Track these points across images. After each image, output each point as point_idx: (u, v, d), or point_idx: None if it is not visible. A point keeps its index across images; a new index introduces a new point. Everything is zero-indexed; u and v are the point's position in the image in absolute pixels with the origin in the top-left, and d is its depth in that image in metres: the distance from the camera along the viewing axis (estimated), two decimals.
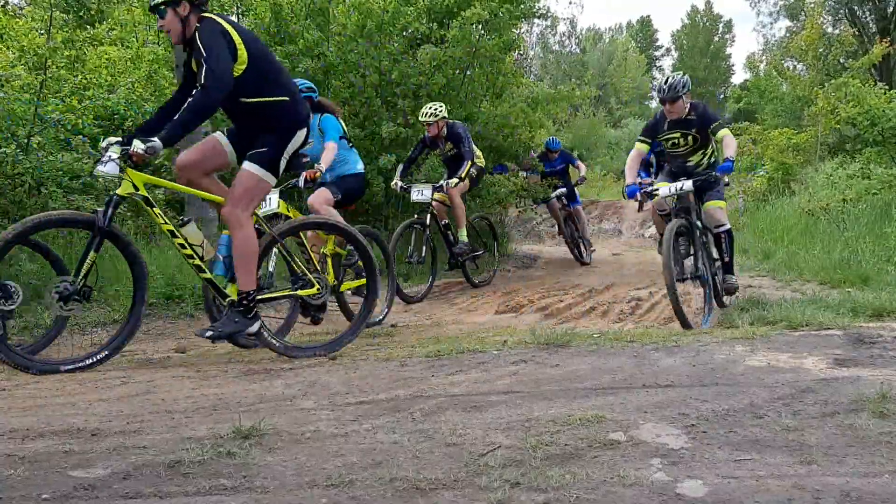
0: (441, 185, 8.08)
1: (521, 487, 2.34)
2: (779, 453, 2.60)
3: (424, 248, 8.11)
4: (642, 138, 6.45)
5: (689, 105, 6.23)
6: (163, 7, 4.29)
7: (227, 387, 3.90)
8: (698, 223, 6.16)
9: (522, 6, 11.74)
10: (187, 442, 2.82)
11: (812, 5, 25.37)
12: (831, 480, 2.35)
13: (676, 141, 6.35)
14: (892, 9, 30.30)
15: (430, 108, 8.23)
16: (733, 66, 57.82)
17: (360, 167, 6.64)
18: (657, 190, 6.05)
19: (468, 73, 11.14)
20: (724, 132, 6.15)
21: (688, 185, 5.94)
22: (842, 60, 21.61)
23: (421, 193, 8.08)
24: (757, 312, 5.59)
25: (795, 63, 23.59)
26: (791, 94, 20.83)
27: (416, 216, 8.35)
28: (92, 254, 4.30)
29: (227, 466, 2.57)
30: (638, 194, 6.04)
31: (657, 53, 64.47)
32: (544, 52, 52.79)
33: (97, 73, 10.15)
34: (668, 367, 3.96)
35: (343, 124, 6.60)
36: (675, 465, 2.52)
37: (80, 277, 4.28)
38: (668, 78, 6.31)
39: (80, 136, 8.30)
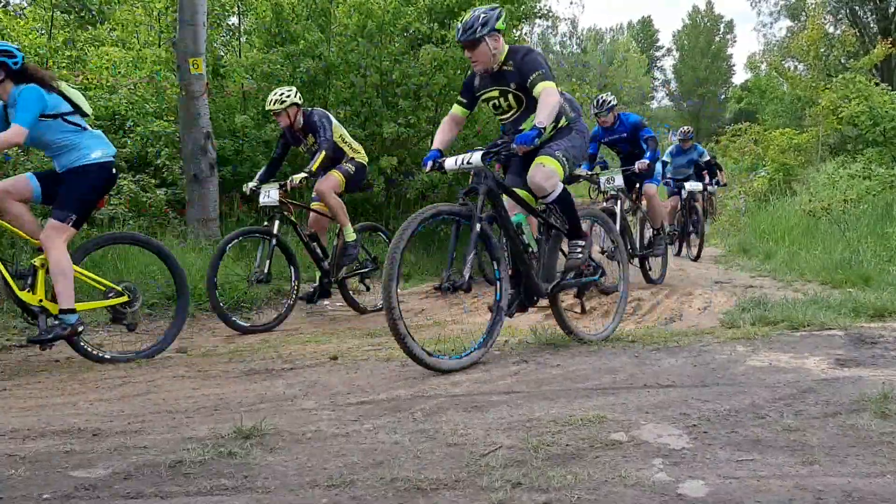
0: (284, 185, 6.65)
1: (522, 488, 2.34)
2: (780, 453, 2.60)
3: (269, 263, 6.64)
4: (459, 98, 4.90)
5: (506, 51, 4.58)
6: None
7: (228, 387, 3.91)
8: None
9: (524, 6, 11.74)
10: (188, 442, 2.82)
11: (813, 5, 25.40)
12: (833, 481, 2.35)
13: (497, 103, 4.75)
14: (893, 9, 30.27)
15: (276, 94, 6.86)
16: (734, 66, 57.85)
17: (96, 155, 4.78)
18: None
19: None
20: (542, 86, 4.38)
21: (475, 157, 4.27)
22: (843, 61, 21.60)
23: (268, 195, 6.67)
24: (758, 312, 5.58)
25: (796, 63, 23.57)
26: (791, 95, 20.82)
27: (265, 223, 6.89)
28: None
29: (229, 466, 2.57)
30: (428, 164, 4.50)
31: (658, 54, 64.49)
32: (545, 52, 52.78)
33: (99, 74, 10.17)
34: (669, 367, 3.96)
35: (71, 96, 4.81)
36: (677, 465, 2.51)
37: None
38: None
39: None
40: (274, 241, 6.64)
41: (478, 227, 4.17)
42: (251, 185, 6.88)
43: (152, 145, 9.48)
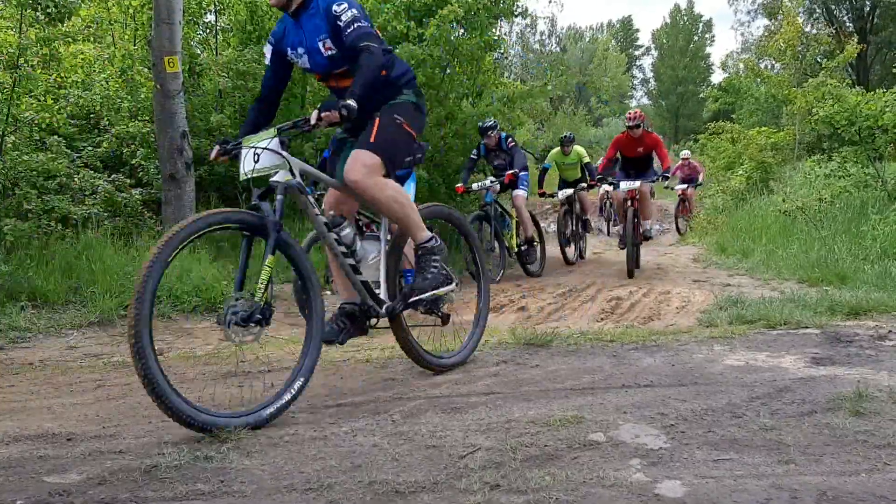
0: None
1: (500, 489, 2.33)
2: (757, 453, 2.61)
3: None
4: None
5: None
6: None
7: (205, 390, 3.87)
8: None
9: (502, 4, 11.74)
10: (164, 446, 2.79)
11: (789, 5, 25.61)
12: (809, 479, 2.36)
13: None
14: (868, 8, 30.63)
15: None
16: (713, 65, 58.22)
17: None
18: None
19: (447, 71, 11.13)
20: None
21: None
22: (819, 59, 21.82)
23: None
24: (735, 311, 5.63)
25: (773, 62, 23.79)
26: (766, 93, 21.00)
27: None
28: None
29: (205, 471, 2.54)
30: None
31: (637, 53, 64.82)
32: (525, 51, 52.90)
33: (72, 72, 10.05)
34: (647, 366, 3.98)
35: None
36: (655, 465, 2.52)
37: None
38: None
39: (56, 136, 8.21)
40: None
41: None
42: None
43: (127, 145, 9.39)
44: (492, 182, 9.46)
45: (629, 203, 9.24)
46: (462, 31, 11.41)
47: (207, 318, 6.41)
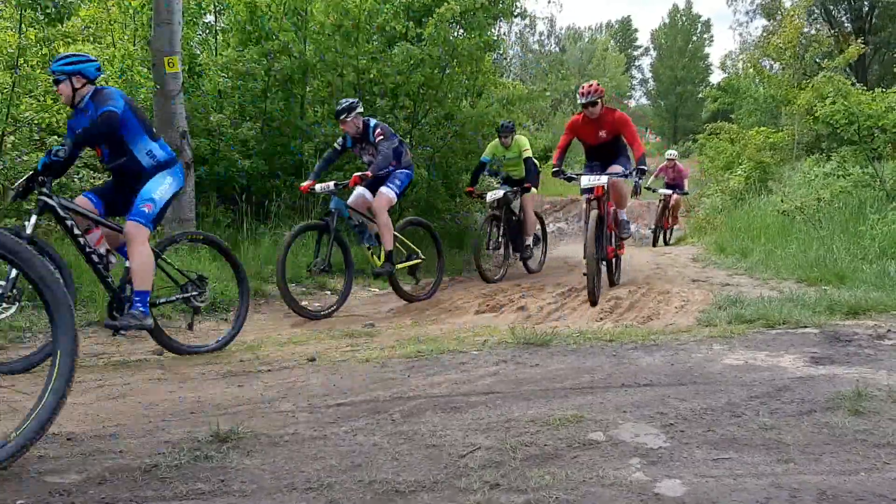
0: None
1: (500, 489, 2.33)
2: (756, 452, 2.62)
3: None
4: None
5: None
6: None
7: (205, 389, 3.87)
8: None
9: (501, 5, 11.75)
10: (164, 446, 2.80)
11: (791, 5, 25.60)
12: (808, 479, 2.37)
13: None
14: (866, 8, 30.64)
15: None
16: (711, 65, 58.28)
17: None
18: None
19: (446, 71, 11.14)
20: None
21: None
22: (818, 60, 21.82)
23: None
24: (734, 311, 5.63)
25: (772, 62, 23.77)
26: (766, 94, 21.00)
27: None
28: None
29: (205, 470, 2.55)
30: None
31: (636, 53, 64.85)
32: (524, 51, 52.88)
33: None
34: (646, 366, 3.98)
35: None
36: (654, 464, 2.52)
37: None
38: None
39: (56, 136, 8.20)
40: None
41: None
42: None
43: None
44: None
45: (594, 205, 7.12)
46: (461, 31, 11.43)
47: (208, 318, 6.41)
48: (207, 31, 12.38)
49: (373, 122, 7.52)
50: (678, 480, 2.38)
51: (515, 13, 12.25)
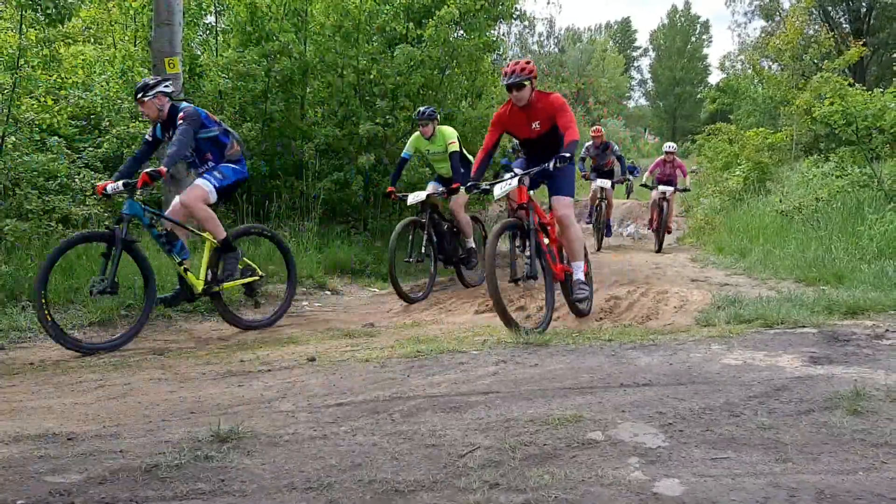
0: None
1: (500, 488, 2.34)
2: (755, 451, 2.62)
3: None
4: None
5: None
6: None
7: (205, 389, 3.88)
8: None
9: (500, 6, 11.76)
10: (164, 446, 2.81)
11: (792, 6, 25.60)
12: (806, 478, 2.38)
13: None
14: (864, 9, 30.64)
15: None
16: (710, 66, 58.27)
17: None
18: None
19: (446, 72, 11.16)
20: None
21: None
22: (817, 61, 21.84)
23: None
24: (733, 311, 5.64)
25: (771, 63, 23.78)
26: (764, 94, 21.02)
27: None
28: None
29: (205, 470, 2.55)
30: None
31: (635, 54, 64.85)
32: (523, 52, 52.89)
33: (73, 73, 10.06)
34: (645, 365, 3.99)
35: None
36: (653, 464, 2.53)
37: None
38: None
39: (56, 137, 8.22)
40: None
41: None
42: None
43: (128, 146, 9.39)
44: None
45: (518, 213, 5.75)
46: (461, 32, 11.44)
47: (208, 319, 6.42)
48: (208, 31, 12.40)
49: (183, 104, 6.06)
50: (677, 480, 2.38)
51: (515, 15, 12.26)
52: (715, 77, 52.67)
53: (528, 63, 5.76)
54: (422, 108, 8.30)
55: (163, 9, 8.36)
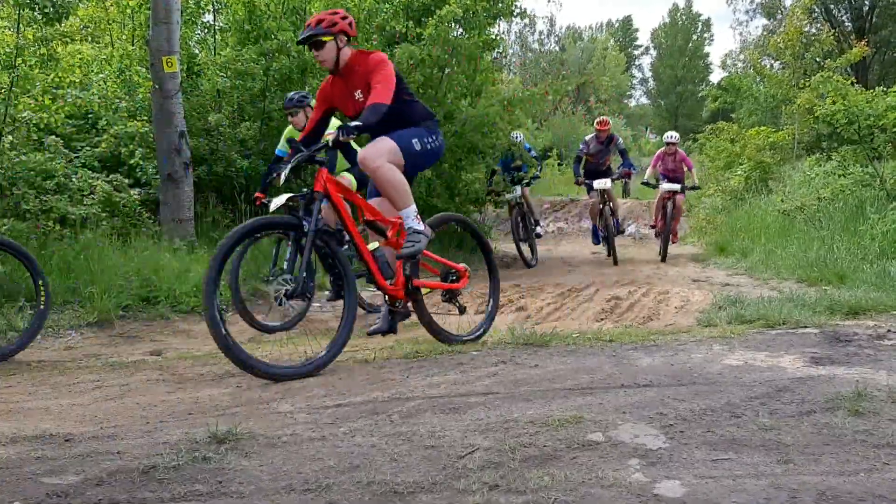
0: None
1: (499, 490, 2.33)
2: (756, 453, 2.61)
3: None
4: None
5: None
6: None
7: (203, 390, 3.87)
8: None
9: (500, 5, 11.75)
10: (162, 447, 2.79)
11: (793, 4, 25.59)
12: (808, 479, 2.36)
13: None
14: (867, 8, 30.62)
15: None
16: (711, 65, 58.29)
17: None
18: None
19: (446, 71, 11.14)
20: None
21: None
22: (818, 60, 21.83)
23: None
24: (734, 311, 5.63)
25: (772, 62, 23.79)
26: (766, 93, 21.01)
27: None
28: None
29: (203, 472, 2.54)
30: None
31: (636, 52, 64.85)
32: (523, 50, 52.88)
33: (70, 72, 10.05)
34: (646, 366, 3.97)
35: None
36: (654, 465, 2.51)
37: None
38: None
39: (54, 136, 8.21)
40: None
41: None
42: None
43: (126, 145, 9.39)
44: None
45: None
46: (461, 30, 11.42)
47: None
48: (206, 30, 12.39)
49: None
50: (678, 481, 2.37)
51: (515, 13, 12.24)
52: (716, 76, 52.68)
53: (333, 14, 4.54)
54: (290, 94, 7.14)
55: (160, 7, 8.35)
